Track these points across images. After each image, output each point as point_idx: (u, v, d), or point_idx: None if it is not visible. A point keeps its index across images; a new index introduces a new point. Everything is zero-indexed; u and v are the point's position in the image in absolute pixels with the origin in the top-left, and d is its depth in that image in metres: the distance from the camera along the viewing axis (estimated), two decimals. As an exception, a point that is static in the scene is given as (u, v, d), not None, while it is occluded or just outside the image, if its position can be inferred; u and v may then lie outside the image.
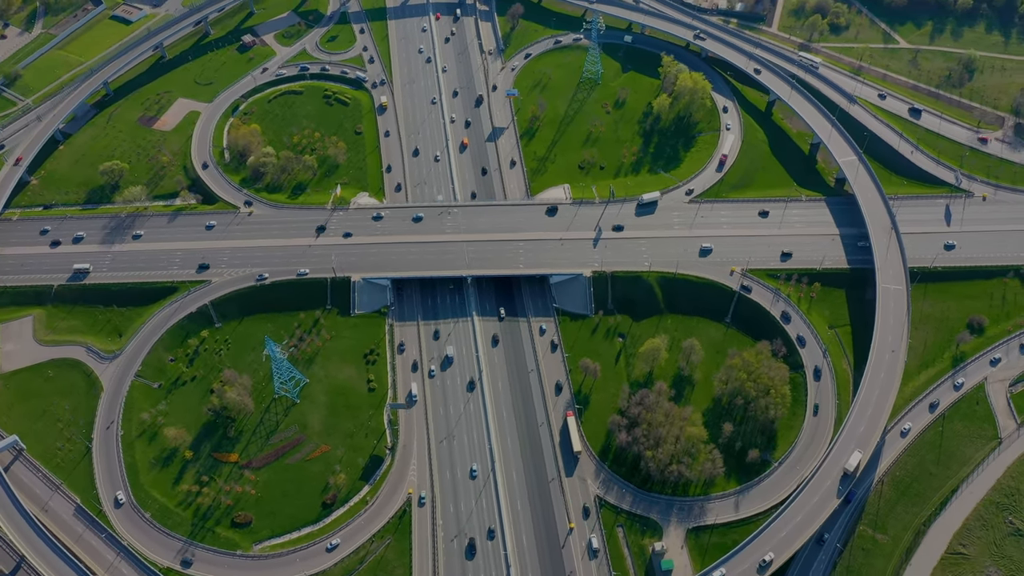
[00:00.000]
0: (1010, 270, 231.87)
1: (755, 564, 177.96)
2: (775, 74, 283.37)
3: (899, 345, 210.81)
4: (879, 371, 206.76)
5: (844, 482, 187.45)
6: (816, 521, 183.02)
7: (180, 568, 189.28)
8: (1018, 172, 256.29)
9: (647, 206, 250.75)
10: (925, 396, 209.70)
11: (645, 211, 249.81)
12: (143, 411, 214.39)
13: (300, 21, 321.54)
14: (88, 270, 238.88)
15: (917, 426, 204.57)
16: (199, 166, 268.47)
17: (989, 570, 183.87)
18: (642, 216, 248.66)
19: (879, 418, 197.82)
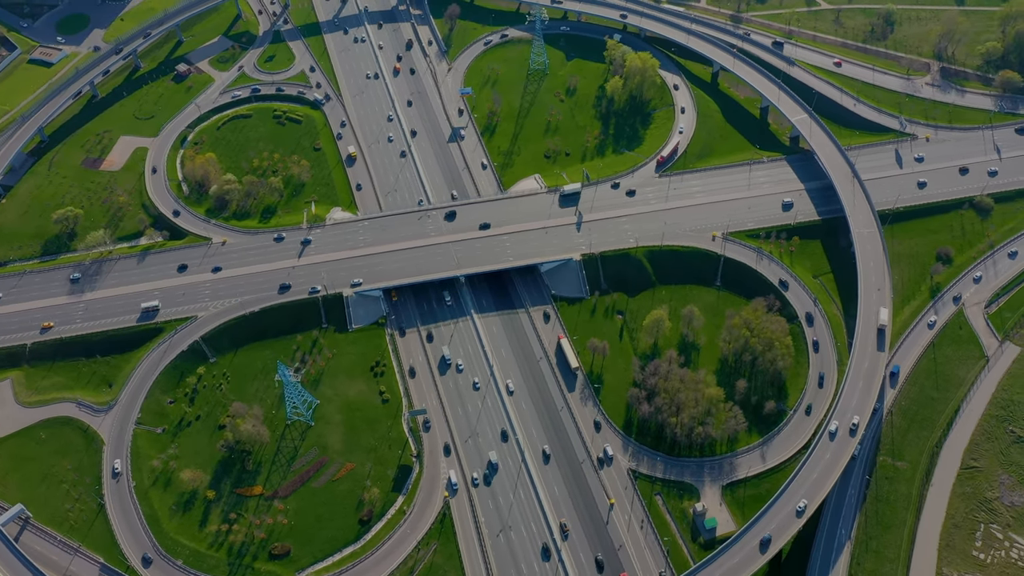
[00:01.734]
0: (964, 202, 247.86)
1: (792, 511, 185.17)
2: (715, 45, 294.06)
3: (884, 283, 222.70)
4: (870, 309, 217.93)
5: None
6: (841, 461, 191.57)
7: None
8: (952, 112, 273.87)
9: (570, 197, 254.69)
10: (913, 327, 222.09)
11: (569, 202, 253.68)
12: (152, 458, 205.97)
13: (234, 44, 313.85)
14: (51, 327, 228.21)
15: (912, 355, 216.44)
16: (162, 206, 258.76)
17: (1002, 478, 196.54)
18: (567, 206, 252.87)
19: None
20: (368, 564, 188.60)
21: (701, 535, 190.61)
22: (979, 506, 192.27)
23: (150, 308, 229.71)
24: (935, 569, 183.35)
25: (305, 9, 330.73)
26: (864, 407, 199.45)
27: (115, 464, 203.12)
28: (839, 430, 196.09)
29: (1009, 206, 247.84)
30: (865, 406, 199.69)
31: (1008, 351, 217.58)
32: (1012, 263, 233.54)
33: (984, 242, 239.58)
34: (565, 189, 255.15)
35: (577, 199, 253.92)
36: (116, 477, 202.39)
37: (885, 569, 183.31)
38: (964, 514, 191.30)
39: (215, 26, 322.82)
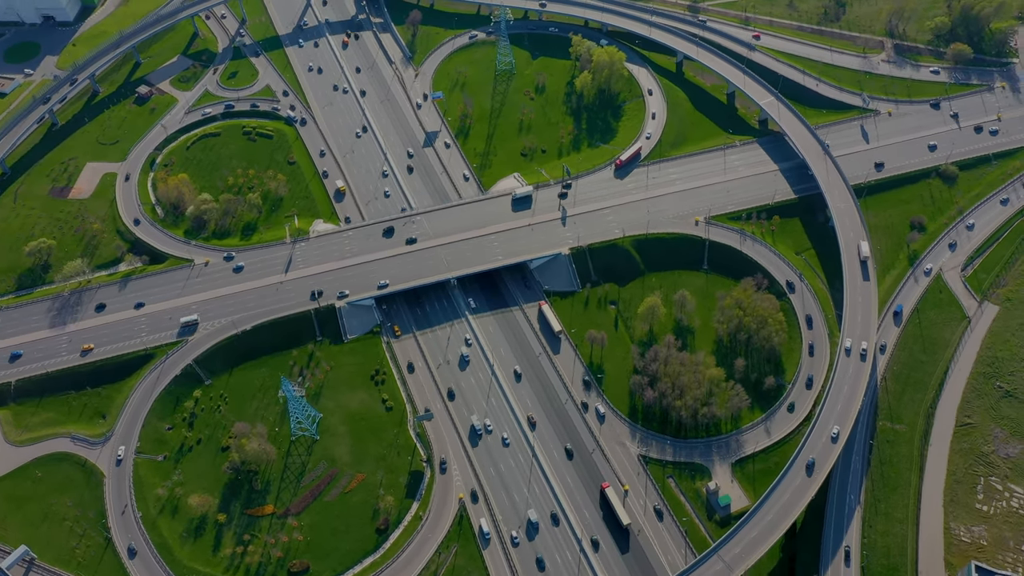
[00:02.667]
0: (931, 171, 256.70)
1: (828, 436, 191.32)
2: (677, 36, 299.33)
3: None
4: (855, 279, 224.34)
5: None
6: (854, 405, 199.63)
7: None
8: (910, 86, 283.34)
9: (521, 201, 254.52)
10: (897, 294, 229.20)
11: (521, 206, 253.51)
12: (156, 487, 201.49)
13: (194, 63, 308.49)
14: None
15: (901, 320, 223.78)
16: (132, 225, 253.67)
17: (995, 432, 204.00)
18: (520, 210, 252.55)
19: (870, 315, 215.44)
20: (390, 573, 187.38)
21: (716, 513, 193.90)
22: (977, 460, 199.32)
23: (190, 323, 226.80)
24: (943, 524, 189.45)
25: (263, 24, 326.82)
26: (868, 332, 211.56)
27: (118, 496, 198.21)
28: (853, 349, 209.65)
29: (972, 172, 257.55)
30: (869, 331, 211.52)
31: (987, 311, 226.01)
32: (982, 226, 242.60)
33: (954, 208, 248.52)
34: (517, 192, 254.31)
35: (530, 202, 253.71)
36: (123, 510, 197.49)
37: (895, 529, 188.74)
38: (964, 469, 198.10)
39: (173, 45, 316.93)
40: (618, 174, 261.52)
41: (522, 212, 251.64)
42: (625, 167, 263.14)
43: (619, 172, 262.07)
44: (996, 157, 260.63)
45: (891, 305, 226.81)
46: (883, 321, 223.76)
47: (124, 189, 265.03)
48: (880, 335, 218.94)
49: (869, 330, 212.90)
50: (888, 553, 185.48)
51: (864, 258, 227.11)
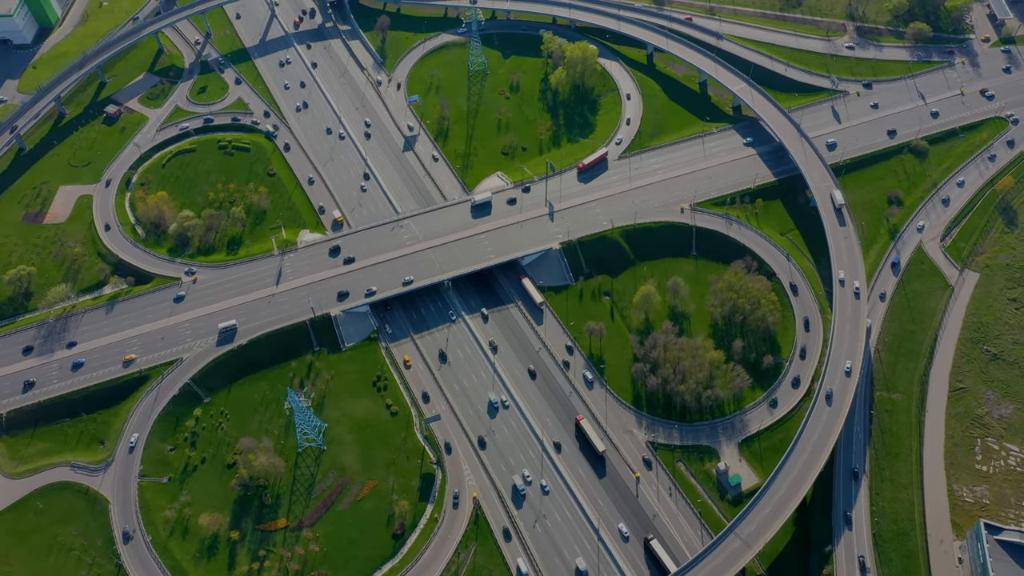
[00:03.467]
0: (903, 147, 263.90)
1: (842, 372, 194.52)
2: (646, 28, 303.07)
3: (849, 232, 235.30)
4: (841, 256, 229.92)
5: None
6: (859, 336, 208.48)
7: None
8: (875, 66, 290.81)
9: (482, 207, 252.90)
10: (881, 268, 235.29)
11: (481, 212, 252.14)
12: (164, 509, 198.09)
13: (162, 80, 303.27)
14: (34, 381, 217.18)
15: (887, 291, 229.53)
16: (116, 248, 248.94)
17: (987, 394, 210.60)
18: (480, 216, 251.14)
19: (860, 286, 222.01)
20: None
21: (728, 492, 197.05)
22: (972, 423, 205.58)
23: (227, 328, 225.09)
24: (946, 487, 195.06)
25: (229, 37, 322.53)
26: (856, 271, 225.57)
27: (125, 522, 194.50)
28: (847, 282, 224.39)
29: (942, 146, 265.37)
30: (856, 268, 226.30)
31: (968, 278, 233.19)
32: (956, 197, 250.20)
33: (927, 181, 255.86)
34: (476, 199, 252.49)
35: (489, 209, 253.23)
36: (131, 536, 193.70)
37: (901, 495, 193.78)
38: (961, 433, 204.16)
39: (138, 63, 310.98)
40: (582, 178, 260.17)
41: (482, 218, 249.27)
42: (589, 171, 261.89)
43: (583, 176, 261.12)
44: (963, 130, 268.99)
45: (888, 257, 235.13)
46: (879, 273, 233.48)
47: (101, 208, 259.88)
48: (872, 309, 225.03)
49: (856, 267, 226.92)
50: (897, 518, 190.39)
51: (839, 205, 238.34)
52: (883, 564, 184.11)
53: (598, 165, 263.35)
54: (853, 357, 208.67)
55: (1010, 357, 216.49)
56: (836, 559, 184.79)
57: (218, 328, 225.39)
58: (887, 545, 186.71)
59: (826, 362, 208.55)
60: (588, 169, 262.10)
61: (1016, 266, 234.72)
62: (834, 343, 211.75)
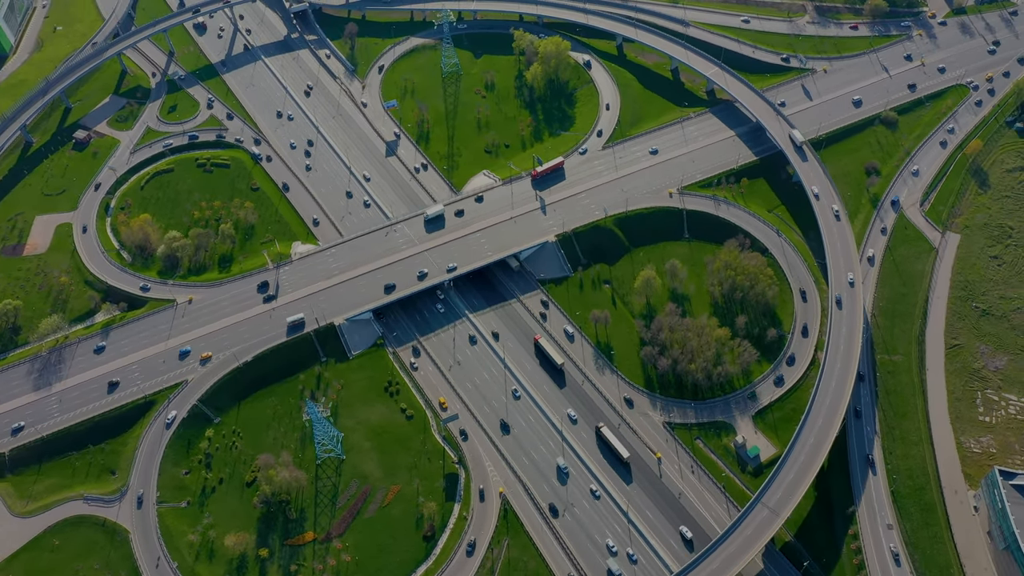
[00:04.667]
0: (874, 119, 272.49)
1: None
2: (614, 20, 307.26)
3: (836, 202, 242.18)
4: (831, 227, 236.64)
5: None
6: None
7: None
8: (838, 43, 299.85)
9: (434, 221, 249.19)
10: (869, 235, 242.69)
11: (434, 227, 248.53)
12: (187, 534, 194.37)
13: (129, 101, 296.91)
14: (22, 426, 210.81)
15: (876, 258, 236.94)
16: (104, 274, 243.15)
17: (981, 349, 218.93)
18: (433, 231, 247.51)
19: (850, 256, 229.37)
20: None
21: (748, 464, 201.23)
22: (971, 377, 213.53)
23: (296, 322, 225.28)
24: (954, 440, 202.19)
25: (193, 54, 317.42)
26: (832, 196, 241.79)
27: (149, 551, 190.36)
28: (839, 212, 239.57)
29: (910, 116, 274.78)
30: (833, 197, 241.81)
31: (951, 239, 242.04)
32: (929, 163, 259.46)
33: (901, 150, 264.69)
34: (429, 213, 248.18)
35: (443, 222, 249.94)
36: (156, 564, 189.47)
37: (913, 452, 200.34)
38: (961, 387, 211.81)
39: (102, 86, 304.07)
40: (536, 186, 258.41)
41: (436, 232, 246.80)
42: (543, 179, 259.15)
43: (536, 184, 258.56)
44: (928, 99, 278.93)
45: (873, 225, 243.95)
46: (867, 241, 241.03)
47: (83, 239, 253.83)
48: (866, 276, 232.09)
49: (833, 197, 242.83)
50: (912, 474, 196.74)
51: (800, 142, 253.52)
52: (904, 519, 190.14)
53: (554, 174, 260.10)
54: (852, 322, 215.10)
55: (998, 311, 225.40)
56: (859, 518, 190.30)
57: (287, 322, 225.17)
58: (905, 500, 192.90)
59: (828, 330, 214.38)
60: (542, 177, 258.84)
61: (993, 224, 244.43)
62: (833, 311, 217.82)
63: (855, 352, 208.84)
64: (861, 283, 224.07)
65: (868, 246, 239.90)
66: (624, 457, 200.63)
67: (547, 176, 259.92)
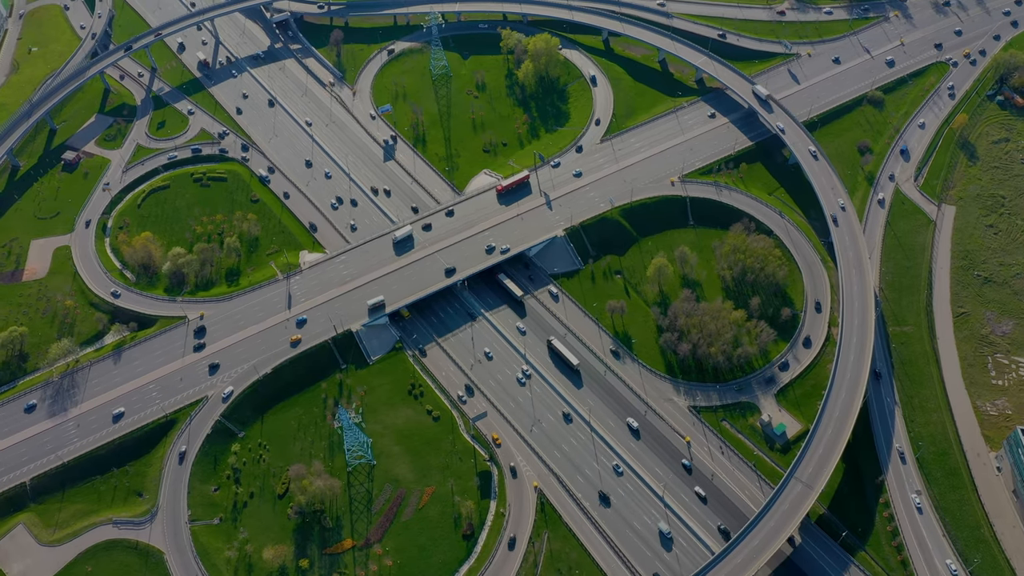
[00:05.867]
0: (862, 99, 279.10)
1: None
2: (599, 15, 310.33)
3: (835, 184, 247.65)
4: (833, 204, 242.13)
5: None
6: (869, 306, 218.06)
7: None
8: (819, 27, 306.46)
9: (404, 242, 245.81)
10: (868, 211, 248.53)
11: (403, 248, 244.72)
12: (224, 551, 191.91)
13: (116, 120, 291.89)
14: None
15: (875, 235, 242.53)
16: (108, 296, 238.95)
17: (987, 315, 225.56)
18: (403, 252, 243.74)
19: (856, 232, 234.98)
20: (491, 574, 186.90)
21: (776, 442, 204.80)
22: (980, 343, 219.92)
23: (377, 304, 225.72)
24: (970, 404, 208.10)
25: (176, 69, 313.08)
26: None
27: (186, 571, 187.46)
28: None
29: (895, 94, 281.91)
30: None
31: (947, 212, 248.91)
32: (918, 139, 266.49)
33: (891, 128, 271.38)
34: (398, 235, 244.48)
35: (412, 243, 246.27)
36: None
37: (933, 419, 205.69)
38: (972, 353, 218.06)
39: (86, 106, 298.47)
40: (502, 200, 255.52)
41: (406, 254, 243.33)
42: (509, 194, 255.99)
43: (503, 198, 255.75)
44: (911, 77, 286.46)
45: (871, 202, 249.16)
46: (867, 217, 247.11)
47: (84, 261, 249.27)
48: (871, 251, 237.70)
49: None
50: (934, 440, 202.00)
51: (765, 96, 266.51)
52: (931, 484, 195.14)
53: (520, 188, 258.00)
54: (863, 296, 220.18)
55: (999, 278, 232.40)
56: (888, 487, 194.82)
57: (368, 305, 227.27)
58: (931, 466, 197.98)
59: (841, 305, 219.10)
60: (508, 192, 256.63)
61: (986, 195, 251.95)
62: (844, 286, 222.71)
63: (870, 324, 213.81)
64: (867, 257, 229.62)
65: (868, 222, 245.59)
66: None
67: (514, 189, 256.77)
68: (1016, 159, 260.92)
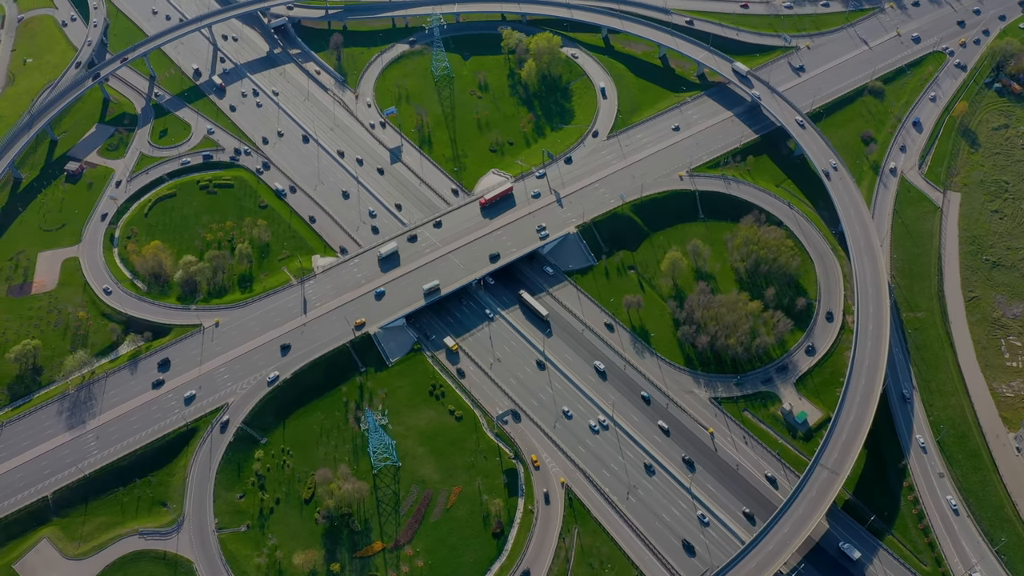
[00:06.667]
0: (862, 90, 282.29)
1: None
2: (598, 12, 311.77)
3: (841, 167, 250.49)
4: (842, 194, 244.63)
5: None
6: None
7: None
8: (816, 20, 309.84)
9: (389, 259, 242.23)
10: (875, 201, 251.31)
11: (390, 264, 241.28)
12: (254, 557, 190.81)
13: (117, 129, 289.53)
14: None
15: (884, 223, 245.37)
16: (122, 306, 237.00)
17: (997, 299, 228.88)
18: (388, 269, 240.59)
19: (866, 221, 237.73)
20: (523, 572, 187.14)
21: (798, 430, 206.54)
22: (992, 326, 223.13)
23: (433, 288, 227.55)
24: (986, 387, 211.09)
25: (175, 76, 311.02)
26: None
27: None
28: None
29: (895, 84, 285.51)
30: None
31: (952, 198, 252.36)
32: (919, 127, 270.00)
33: (892, 117, 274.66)
34: (383, 252, 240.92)
35: (398, 259, 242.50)
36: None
37: (951, 402, 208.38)
38: (986, 337, 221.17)
39: (86, 116, 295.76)
40: (485, 214, 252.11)
41: (391, 270, 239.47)
42: (493, 207, 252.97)
43: (486, 212, 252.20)
44: (909, 67, 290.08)
45: (877, 190, 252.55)
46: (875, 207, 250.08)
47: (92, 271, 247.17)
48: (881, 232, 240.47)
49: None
50: (953, 424, 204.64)
51: (745, 72, 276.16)
52: (953, 466, 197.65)
53: (504, 200, 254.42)
54: (877, 283, 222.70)
55: (1008, 262, 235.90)
56: (912, 471, 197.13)
57: (423, 289, 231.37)
58: (952, 449, 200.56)
59: (856, 293, 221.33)
60: (491, 205, 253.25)
61: (989, 180, 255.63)
62: (857, 274, 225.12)
63: (885, 310, 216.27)
64: (879, 245, 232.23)
65: (876, 211, 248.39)
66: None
67: (497, 203, 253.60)
68: (1017, 145, 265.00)
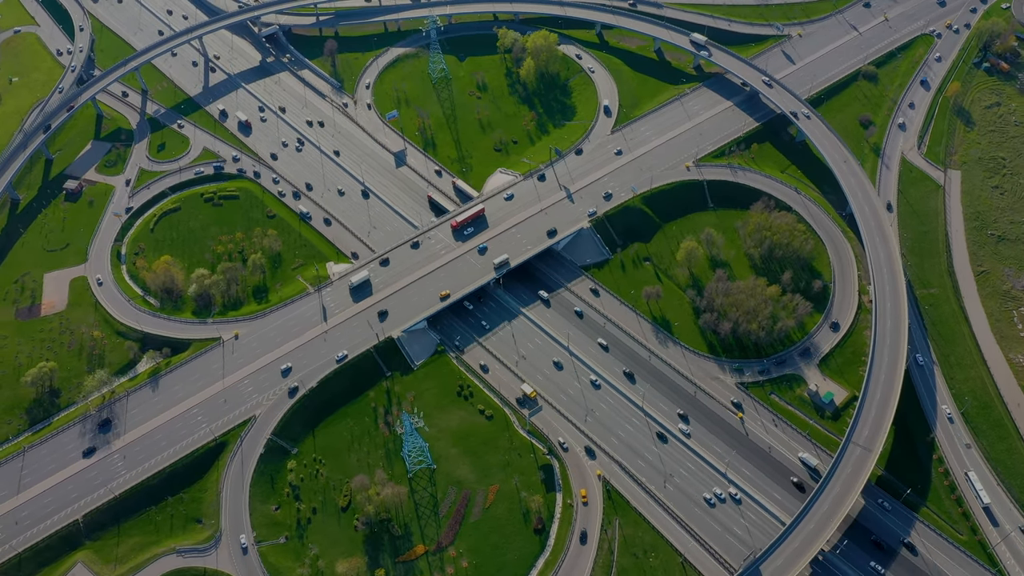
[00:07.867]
0: (856, 75, 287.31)
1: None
2: (591, 9, 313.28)
3: (846, 156, 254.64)
4: (849, 178, 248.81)
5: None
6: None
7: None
8: (807, 8, 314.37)
9: (361, 287, 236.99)
10: (879, 182, 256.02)
11: (361, 294, 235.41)
12: (295, 569, 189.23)
13: (114, 145, 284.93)
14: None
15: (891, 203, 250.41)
16: (136, 323, 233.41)
17: (1006, 272, 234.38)
18: (360, 299, 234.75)
19: (874, 203, 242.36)
20: (568, 565, 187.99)
21: (825, 410, 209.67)
22: (1003, 299, 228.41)
23: (501, 263, 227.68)
24: (1003, 358, 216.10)
25: (168, 89, 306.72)
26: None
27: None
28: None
29: (887, 68, 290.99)
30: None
31: (953, 176, 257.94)
32: (915, 108, 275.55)
33: (888, 100, 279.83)
34: (354, 281, 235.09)
35: (370, 288, 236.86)
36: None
37: (971, 374, 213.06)
38: (998, 309, 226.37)
39: (80, 133, 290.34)
40: (457, 237, 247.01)
41: (363, 301, 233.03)
42: (463, 229, 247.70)
43: (457, 235, 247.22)
44: (899, 51, 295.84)
45: (880, 172, 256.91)
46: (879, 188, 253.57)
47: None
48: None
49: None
50: (975, 395, 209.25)
51: (703, 43, 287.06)
52: (979, 436, 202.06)
53: (476, 221, 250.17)
54: (891, 262, 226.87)
55: (1012, 236, 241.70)
56: (939, 443, 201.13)
57: (493, 264, 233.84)
58: (976, 420, 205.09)
59: (871, 273, 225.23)
60: (463, 227, 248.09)
61: (987, 157, 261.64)
62: (870, 254, 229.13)
63: (901, 288, 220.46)
64: (889, 225, 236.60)
65: (882, 188, 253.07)
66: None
67: (469, 225, 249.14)
68: (1010, 121, 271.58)
